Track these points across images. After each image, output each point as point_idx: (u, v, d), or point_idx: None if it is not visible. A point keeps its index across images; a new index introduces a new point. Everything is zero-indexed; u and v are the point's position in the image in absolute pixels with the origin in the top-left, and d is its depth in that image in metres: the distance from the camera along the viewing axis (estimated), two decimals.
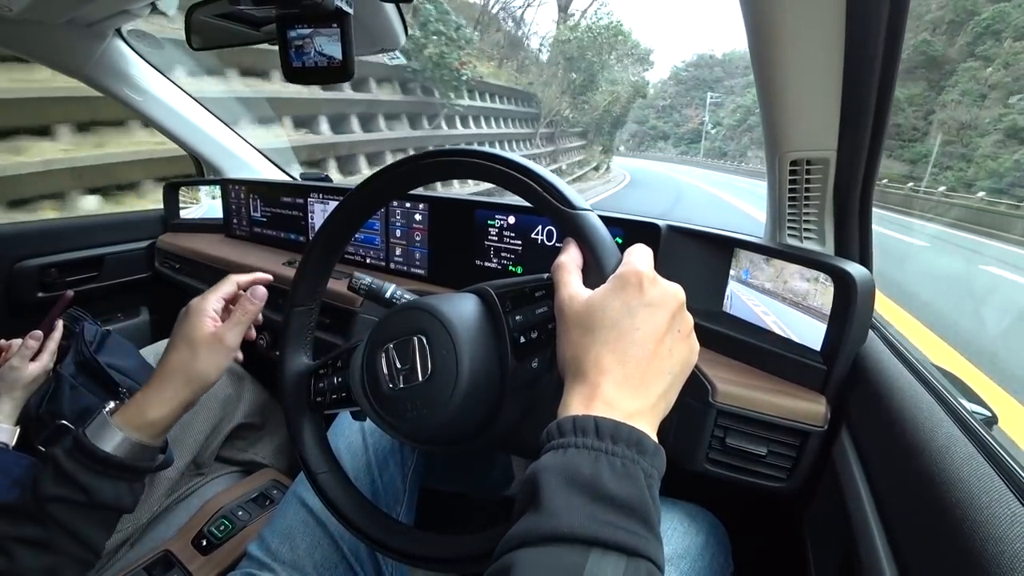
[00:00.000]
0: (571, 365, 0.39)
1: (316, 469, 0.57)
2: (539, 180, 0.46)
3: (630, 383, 0.37)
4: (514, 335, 0.47)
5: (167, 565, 0.79)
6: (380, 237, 1.15)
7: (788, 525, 0.74)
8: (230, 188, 1.49)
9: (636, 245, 0.44)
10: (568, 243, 0.46)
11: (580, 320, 0.40)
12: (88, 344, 0.90)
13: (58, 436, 0.81)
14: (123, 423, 0.55)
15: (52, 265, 1.32)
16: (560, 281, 0.43)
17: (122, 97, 1.33)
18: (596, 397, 0.36)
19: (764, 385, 0.66)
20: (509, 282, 0.50)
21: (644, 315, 0.39)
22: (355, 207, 0.57)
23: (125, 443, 0.54)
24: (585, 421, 0.34)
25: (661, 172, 37.49)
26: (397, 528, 0.54)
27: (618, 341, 0.38)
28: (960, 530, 0.35)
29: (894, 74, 0.57)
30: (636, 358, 0.38)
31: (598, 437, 0.34)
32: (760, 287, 0.74)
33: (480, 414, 0.49)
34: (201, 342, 0.57)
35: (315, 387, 0.59)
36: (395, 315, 0.52)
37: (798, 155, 0.70)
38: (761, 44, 0.61)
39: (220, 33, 0.88)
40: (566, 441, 0.34)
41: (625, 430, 0.34)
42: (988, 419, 0.58)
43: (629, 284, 0.40)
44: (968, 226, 13.22)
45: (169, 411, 0.56)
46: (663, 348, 0.39)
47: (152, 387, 0.57)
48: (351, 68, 0.69)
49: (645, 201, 17.73)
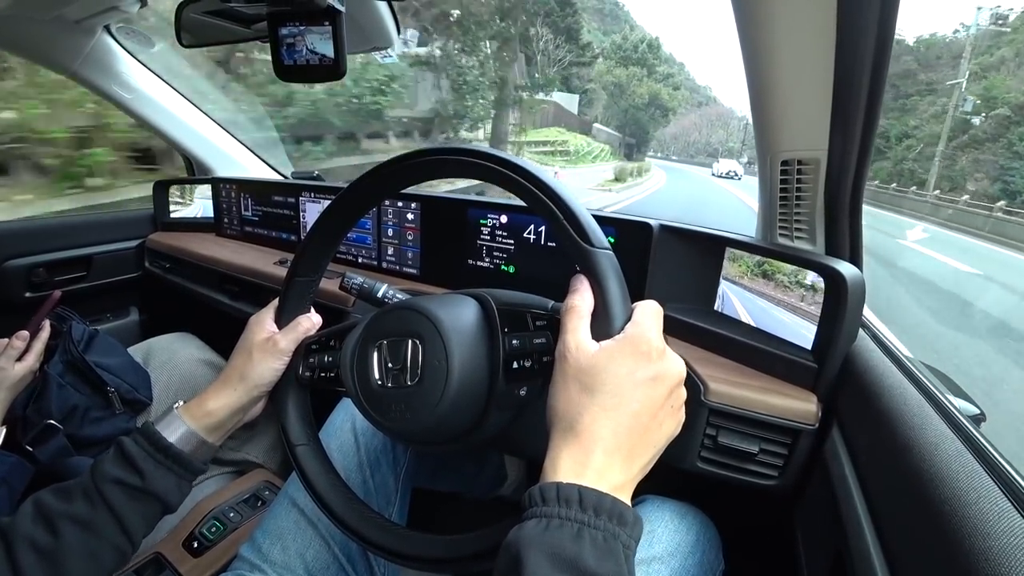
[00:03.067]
0: (563, 419, 0.40)
1: (296, 441, 0.58)
2: (562, 206, 0.44)
3: (619, 454, 0.38)
4: (507, 358, 0.47)
5: (158, 567, 0.78)
6: (372, 236, 1.15)
7: (780, 523, 0.75)
8: (221, 187, 1.48)
9: (648, 305, 0.43)
10: (580, 282, 0.44)
11: (582, 376, 0.40)
12: (76, 343, 0.89)
13: (46, 435, 0.80)
14: (184, 413, 0.59)
15: (40, 264, 1.30)
16: (568, 326, 0.42)
17: (111, 95, 1.32)
18: (587, 465, 0.37)
19: (756, 384, 0.66)
20: (514, 300, 0.50)
21: (646, 389, 0.39)
22: (381, 182, 0.54)
23: (186, 434, 0.58)
24: (569, 491, 0.35)
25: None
26: (369, 514, 0.54)
27: (616, 409, 0.38)
28: (949, 526, 0.36)
29: (884, 75, 0.57)
30: (630, 430, 0.38)
31: (581, 509, 0.34)
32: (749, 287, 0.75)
33: (464, 423, 0.49)
34: (256, 347, 0.61)
35: (305, 361, 0.60)
36: (393, 312, 0.51)
37: (789, 155, 0.71)
38: (752, 45, 0.61)
39: (210, 31, 0.88)
40: (549, 511, 0.34)
41: (608, 502, 0.35)
42: (976, 417, 0.59)
43: (638, 351, 0.40)
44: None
45: (225, 405, 0.60)
46: (655, 423, 0.40)
47: (213, 387, 0.62)
48: (343, 66, 0.69)
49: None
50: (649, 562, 0.59)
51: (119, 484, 0.53)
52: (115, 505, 0.53)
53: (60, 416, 0.82)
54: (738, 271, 0.77)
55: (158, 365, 1.06)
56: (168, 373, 1.04)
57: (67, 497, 0.53)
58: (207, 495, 0.92)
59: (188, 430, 0.58)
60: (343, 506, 0.54)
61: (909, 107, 42.55)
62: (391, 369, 0.49)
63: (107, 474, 0.53)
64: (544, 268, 0.92)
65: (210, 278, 1.31)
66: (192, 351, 1.15)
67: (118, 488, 0.53)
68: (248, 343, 0.62)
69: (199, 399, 0.61)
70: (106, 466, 0.54)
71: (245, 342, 0.62)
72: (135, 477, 0.54)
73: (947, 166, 30.27)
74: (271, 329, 0.62)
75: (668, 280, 0.81)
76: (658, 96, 54.33)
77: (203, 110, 1.50)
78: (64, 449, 0.82)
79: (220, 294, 1.30)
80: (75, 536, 0.51)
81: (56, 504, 0.52)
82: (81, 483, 0.53)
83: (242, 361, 0.61)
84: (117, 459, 0.55)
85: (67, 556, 0.50)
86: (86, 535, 0.51)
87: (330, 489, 0.56)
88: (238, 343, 0.63)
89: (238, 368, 0.61)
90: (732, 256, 0.78)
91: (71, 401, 0.85)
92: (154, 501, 0.55)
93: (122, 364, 0.94)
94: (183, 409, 0.60)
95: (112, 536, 0.53)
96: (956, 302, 7.08)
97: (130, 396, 0.92)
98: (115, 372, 0.91)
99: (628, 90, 53.34)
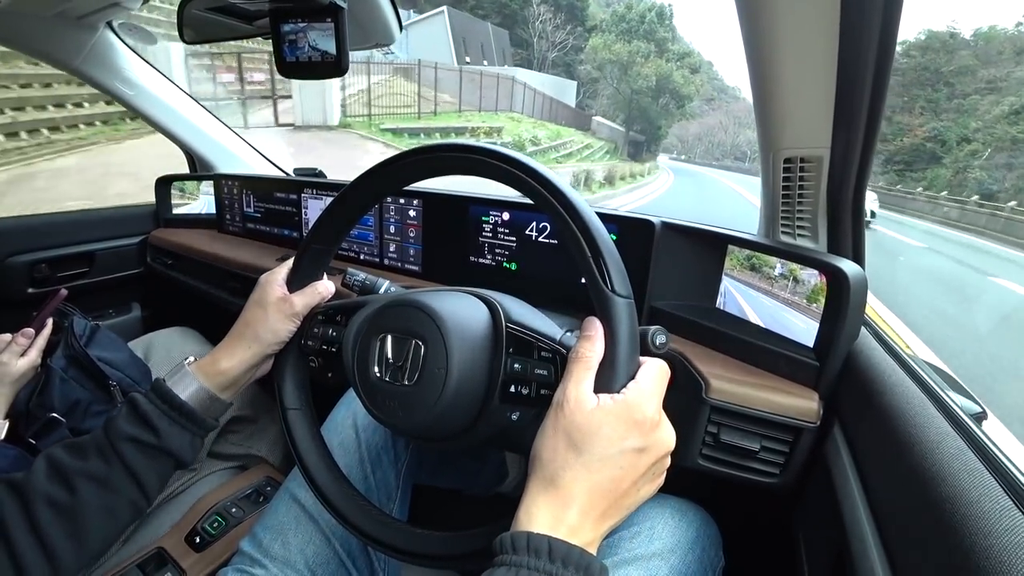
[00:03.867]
0: (546, 469, 0.40)
1: (289, 405, 0.59)
2: (592, 241, 0.42)
3: (593, 514, 0.39)
4: (506, 380, 0.48)
5: (160, 562, 0.79)
6: (374, 233, 1.15)
7: (780, 520, 0.75)
8: (223, 183, 1.48)
9: (653, 367, 0.44)
10: (595, 328, 0.43)
11: (573, 432, 0.40)
12: (78, 338, 0.90)
13: (48, 429, 0.81)
14: (197, 370, 0.60)
15: (43, 260, 1.31)
16: (572, 375, 0.42)
17: (113, 91, 1.32)
18: (562, 520, 0.38)
19: (757, 381, 0.66)
20: (524, 323, 0.49)
21: (632, 457, 0.40)
22: (419, 165, 0.52)
23: (198, 392, 0.59)
24: (540, 541, 0.36)
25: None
26: (351, 492, 0.55)
27: (599, 472, 0.39)
28: (950, 524, 0.36)
29: (887, 73, 0.57)
30: (608, 493, 0.39)
31: (551, 560, 0.35)
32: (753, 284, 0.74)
33: (453, 429, 0.49)
34: (271, 304, 0.61)
35: (310, 330, 0.60)
36: (401, 308, 0.51)
37: (792, 153, 0.71)
38: (756, 42, 0.61)
39: (213, 27, 0.88)
40: (519, 560, 0.36)
41: (576, 554, 0.36)
42: (978, 415, 0.59)
43: (632, 419, 0.40)
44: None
45: (238, 363, 0.60)
46: (634, 488, 0.41)
47: (225, 344, 0.62)
48: (345, 63, 0.69)
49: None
50: (649, 558, 0.59)
51: (134, 442, 0.54)
52: (131, 462, 0.53)
53: (63, 410, 0.83)
54: (728, 264, 0.78)
55: (159, 359, 1.06)
56: (169, 367, 1.04)
57: (82, 454, 0.53)
58: (209, 490, 0.93)
59: (200, 387, 0.59)
60: (328, 479, 0.56)
61: (967, 107, 37.47)
62: (391, 364, 0.49)
63: (122, 431, 0.54)
64: (546, 265, 0.92)
65: (212, 274, 1.32)
66: (193, 345, 1.15)
67: (133, 446, 0.54)
68: (263, 300, 0.62)
69: (212, 356, 0.61)
70: (120, 423, 0.54)
71: (260, 299, 0.62)
72: (150, 435, 0.54)
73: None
74: (284, 289, 0.62)
75: (670, 277, 0.81)
76: (669, 78, 39.00)
77: (204, 106, 1.50)
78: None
79: (222, 290, 1.30)
80: (92, 493, 0.51)
81: (71, 461, 0.52)
82: (95, 440, 0.54)
83: (256, 318, 0.61)
84: (131, 416, 0.55)
85: (85, 512, 0.51)
86: (103, 491, 0.52)
87: (317, 459, 0.57)
88: (250, 300, 0.63)
89: (252, 325, 0.61)
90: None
91: (73, 395, 0.85)
92: (168, 458, 0.56)
93: (124, 359, 0.95)
94: (196, 367, 0.60)
95: (129, 493, 0.54)
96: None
97: (132, 390, 0.92)
98: (117, 366, 0.91)
99: (631, 71, 38.71)
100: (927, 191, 23.51)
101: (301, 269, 0.62)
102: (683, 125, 57.12)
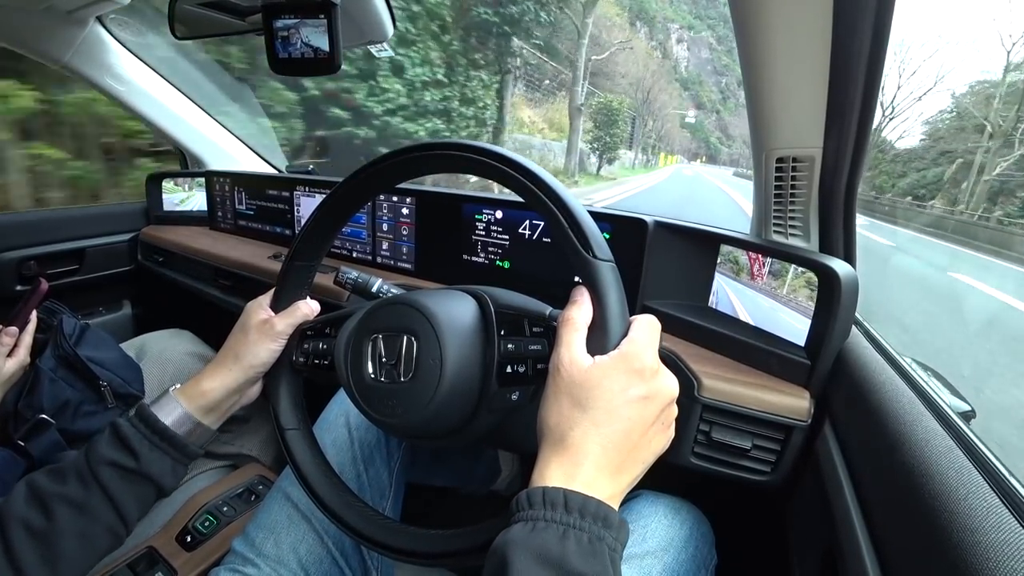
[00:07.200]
0: (554, 433, 0.40)
1: (286, 425, 0.58)
2: (567, 212, 0.43)
3: (608, 469, 0.38)
4: (502, 362, 0.47)
5: (151, 561, 0.78)
6: (367, 231, 1.15)
7: (772, 517, 0.76)
8: (214, 180, 1.47)
9: (645, 321, 0.43)
10: (580, 294, 0.44)
11: (574, 391, 0.40)
12: (67, 338, 0.89)
13: (38, 430, 0.80)
14: (179, 394, 0.60)
15: (32, 257, 1.29)
16: (563, 339, 0.42)
17: (104, 87, 1.31)
18: (575, 476, 0.37)
19: (749, 380, 0.67)
20: (512, 304, 0.50)
21: (638, 406, 0.39)
22: (390, 170, 0.53)
23: (182, 417, 0.58)
24: (555, 494, 0.36)
25: None
26: (355, 501, 0.54)
27: (607, 425, 0.39)
28: (938, 521, 0.36)
29: (880, 73, 0.58)
30: (619, 446, 0.39)
31: (567, 511, 0.35)
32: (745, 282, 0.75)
33: (454, 421, 0.49)
34: (252, 327, 0.61)
35: (300, 347, 0.60)
36: (390, 307, 0.51)
37: (784, 152, 0.71)
38: (748, 41, 0.61)
39: (205, 22, 0.87)
40: (535, 514, 0.35)
41: (593, 505, 0.36)
42: (966, 413, 0.59)
43: (631, 369, 0.40)
44: None
45: (219, 385, 0.61)
46: (644, 440, 0.40)
47: (208, 368, 0.62)
48: (338, 60, 0.68)
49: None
50: (642, 557, 0.59)
51: (113, 466, 0.53)
52: (109, 487, 0.53)
53: (52, 410, 0.82)
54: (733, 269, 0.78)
55: (151, 360, 1.05)
56: (161, 367, 1.04)
57: (61, 478, 0.52)
58: (200, 489, 0.92)
59: (183, 412, 0.58)
60: (331, 493, 0.55)
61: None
62: (385, 364, 0.49)
63: (101, 456, 0.53)
64: (539, 264, 0.92)
65: (204, 272, 1.31)
66: (186, 345, 1.14)
67: (112, 470, 0.53)
68: (245, 324, 0.62)
69: (194, 380, 0.61)
70: (101, 447, 0.54)
71: (242, 324, 0.62)
72: (129, 459, 0.54)
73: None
74: (268, 312, 0.62)
75: (662, 276, 0.81)
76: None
77: (197, 103, 1.49)
78: (56, 443, 0.81)
79: (213, 288, 1.29)
80: (69, 518, 0.51)
81: (49, 485, 0.52)
82: (75, 464, 0.53)
83: (238, 342, 0.62)
84: (112, 441, 0.55)
85: (61, 537, 0.50)
86: (80, 517, 0.51)
87: (319, 475, 0.56)
88: (235, 326, 0.64)
89: (233, 348, 0.61)
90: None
91: (63, 395, 0.84)
92: (148, 484, 0.55)
93: (114, 358, 0.94)
94: (179, 391, 0.60)
95: (106, 518, 0.53)
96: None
97: (122, 390, 0.92)
98: (107, 366, 0.90)
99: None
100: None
101: (285, 288, 0.62)
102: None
